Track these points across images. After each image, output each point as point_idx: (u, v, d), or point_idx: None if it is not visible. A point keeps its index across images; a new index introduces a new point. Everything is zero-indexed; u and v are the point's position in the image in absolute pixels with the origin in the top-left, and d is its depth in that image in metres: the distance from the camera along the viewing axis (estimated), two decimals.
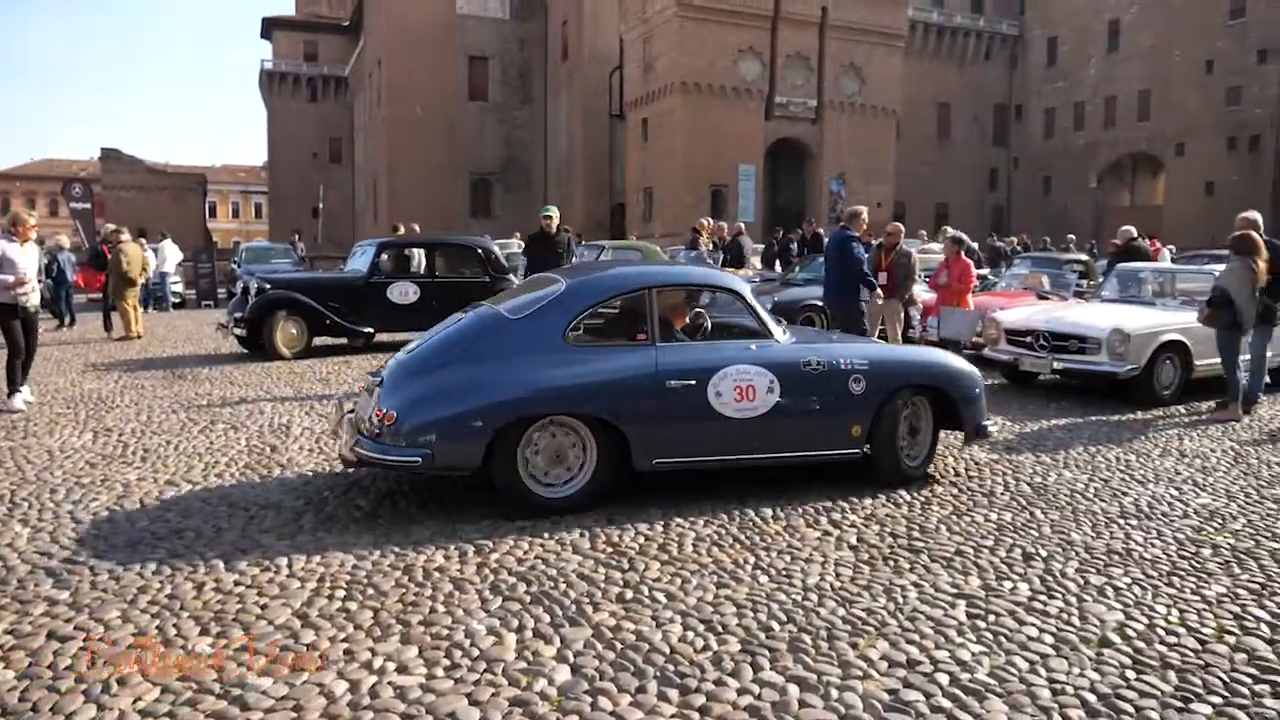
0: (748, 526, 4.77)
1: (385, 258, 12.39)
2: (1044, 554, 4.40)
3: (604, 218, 46.08)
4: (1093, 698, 3.01)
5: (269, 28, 63.63)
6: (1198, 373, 8.82)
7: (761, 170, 40.72)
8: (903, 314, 10.25)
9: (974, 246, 18.88)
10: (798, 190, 42.84)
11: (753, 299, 5.62)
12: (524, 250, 10.56)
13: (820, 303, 11.13)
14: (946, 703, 2.96)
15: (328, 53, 63.41)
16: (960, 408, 5.77)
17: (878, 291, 9.49)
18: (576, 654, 3.28)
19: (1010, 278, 13.46)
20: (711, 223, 16.33)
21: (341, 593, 3.82)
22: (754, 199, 39.96)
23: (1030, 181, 57.19)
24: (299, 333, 11.54)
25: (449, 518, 4.83)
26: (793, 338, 5.62)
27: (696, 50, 38.07)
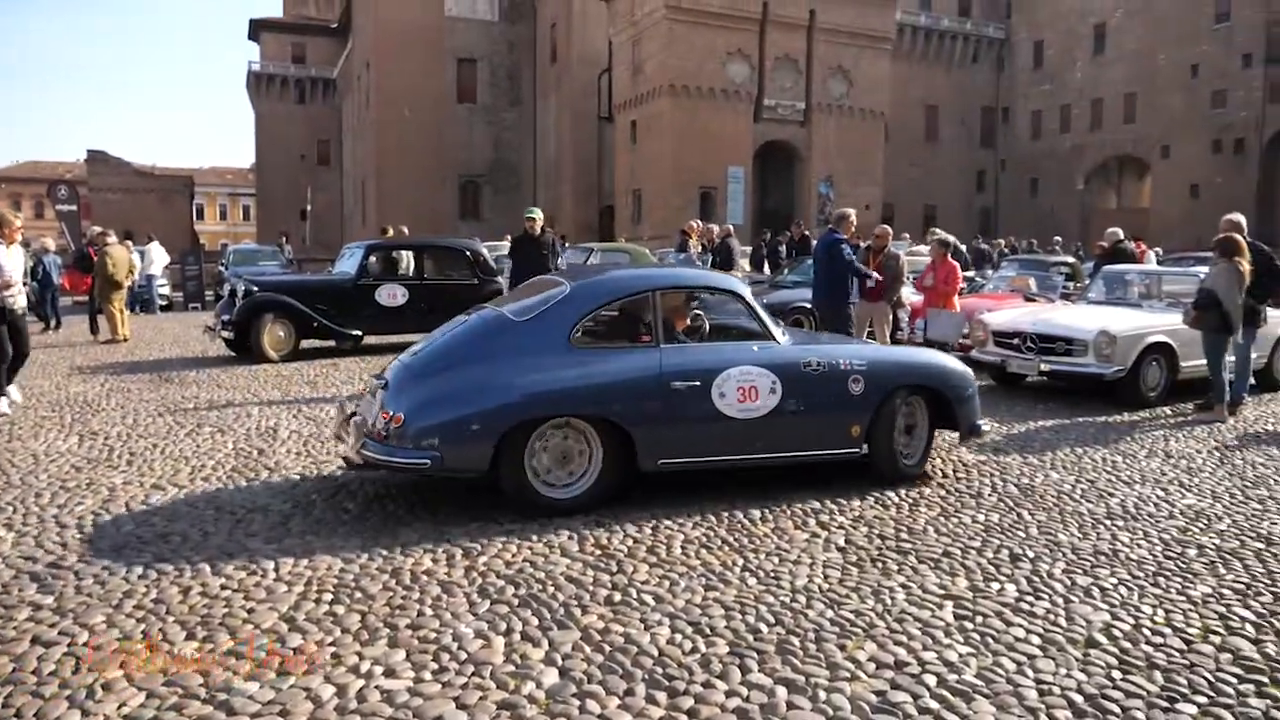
0: (736, 528, 4.77)
1: (373, 260, 12.39)
2: (1031, 555, 4.42)
3: (593, 220, 46.09)
4: (1079, 698, 3.03)
5: (256, 29, 63.37)
6: (1183, 374, 8.88)
7: (750, 172, 40.78)
8: (891, 316, 10.29)
9: (962, 249, 18.97)
10: (787, 192, 42.93)
11: (754, 301, 5.67)
12: (509, 253, 10.46)
13: (809, 305, 11.16)
14: (934, 704, 2.97)
15: (316, 55, 63.20)
16: (955, 407, 5.86)
17: (871, 278, 9.50)
18: (565, 657, 3.28)
19: (998, 280, 13.53)
20: (701, 225, 16.32)
21: (329, 596, 3.81)
22: (743, 201, 40.00)
23: (1017, 183, 57.48)
24: (287, 335, 11.50)
25: (437, 521, 4.82)
26: (792, 339, 5.68)
27: (685, 53, 38.11)
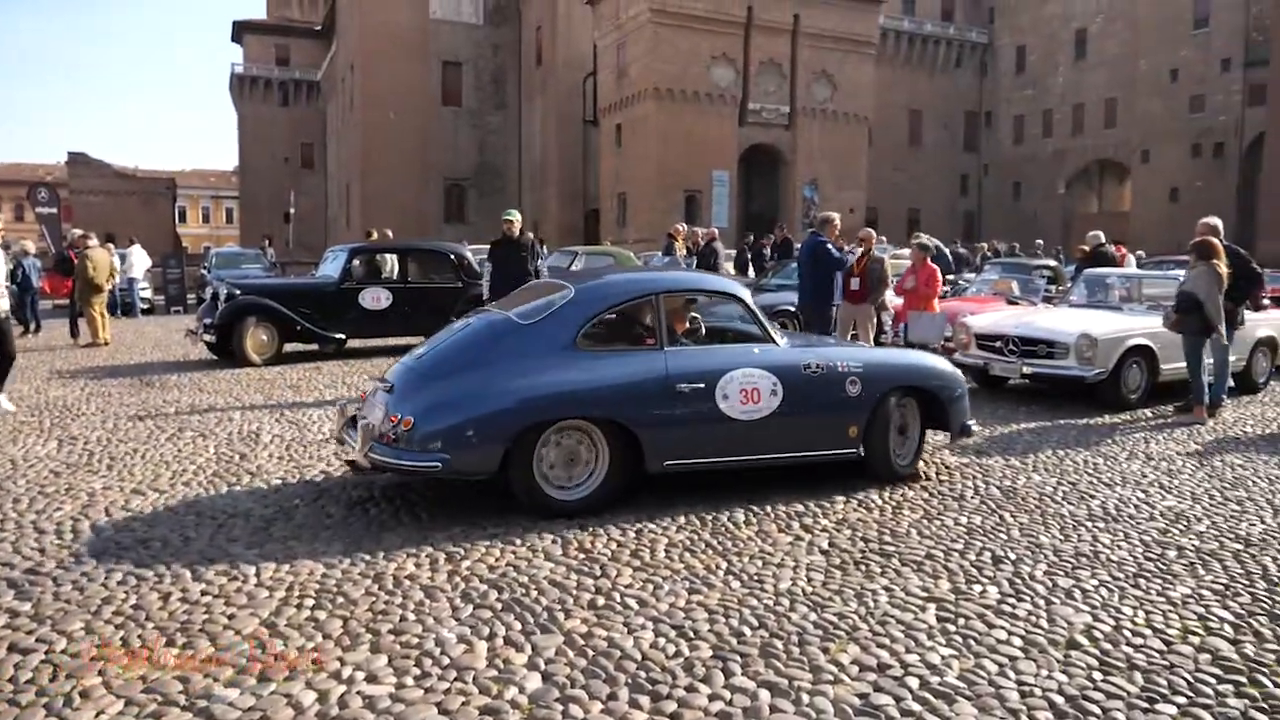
0: (720, 532, 4.78)
1: (357, 263, 12.34)
2: (1013, 557, 4.45)
3: (578, 223, 46.12)
4: (1060, 699, 3.04)
5: (239, 31, 63.09)
6: (1164, 376, 8.95)
7: (735, 176, 40.90)
8: (875, 319, 10.34)
9: (945, 252, 19.06)
10: (771, 196, 43.08)
11: (754, 304, 5.72)
12: (488, 255, 10.28)
13: (793, 308, 11.20)
14: (916, 706, 2.98)
15: (299, 57, 62.94)
16: (947, 408, 5.96)
17: (853, 260, 9.72)
18: (548, 661, 3.27)
19: (980, 283, 13.61)
20: (686, 228, 16.35)
21: (311, 601, 3.78)
22: (727, 205, 40.13)
23: (1000, 187, 57.91)
24: (269, 339, 11.42)
25: (420, 525, 4.80)
26: (789, 342, 5.73)
27: (670, 56, 38.20)
